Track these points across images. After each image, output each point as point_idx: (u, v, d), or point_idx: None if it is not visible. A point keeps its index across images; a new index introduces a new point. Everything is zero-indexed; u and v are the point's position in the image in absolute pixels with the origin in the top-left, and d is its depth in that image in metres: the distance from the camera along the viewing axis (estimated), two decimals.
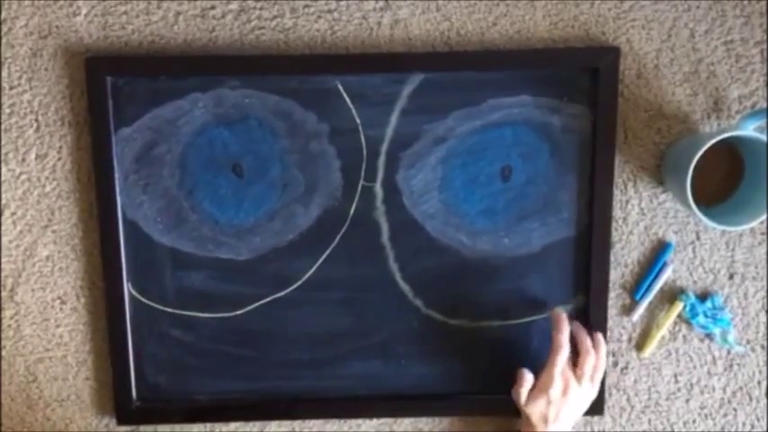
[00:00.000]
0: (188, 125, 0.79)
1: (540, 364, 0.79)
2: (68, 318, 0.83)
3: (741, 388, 0.86)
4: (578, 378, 0.78)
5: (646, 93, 0.80)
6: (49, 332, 0.84)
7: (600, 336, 0.80)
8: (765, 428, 0.87)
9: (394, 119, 0.79)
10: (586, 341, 0.79)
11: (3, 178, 0.80)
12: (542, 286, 0.82)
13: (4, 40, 0.78)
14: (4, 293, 0.83)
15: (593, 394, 0.80)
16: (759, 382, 0.86)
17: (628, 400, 0.86)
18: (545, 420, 0.78)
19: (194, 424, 0.85)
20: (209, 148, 0.79)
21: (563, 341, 0.77)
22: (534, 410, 0.78)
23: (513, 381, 0.80)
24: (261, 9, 0.78)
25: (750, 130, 0.75)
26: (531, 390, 0.78)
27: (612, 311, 0.84)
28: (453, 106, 0.79)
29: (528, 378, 0.79)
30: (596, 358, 0.79)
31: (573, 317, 0.82)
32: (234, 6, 0.78)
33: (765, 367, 0.85)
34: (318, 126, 0.79)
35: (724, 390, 0.86)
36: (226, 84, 0.78)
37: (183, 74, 0.78)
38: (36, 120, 0.80)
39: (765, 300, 0.84)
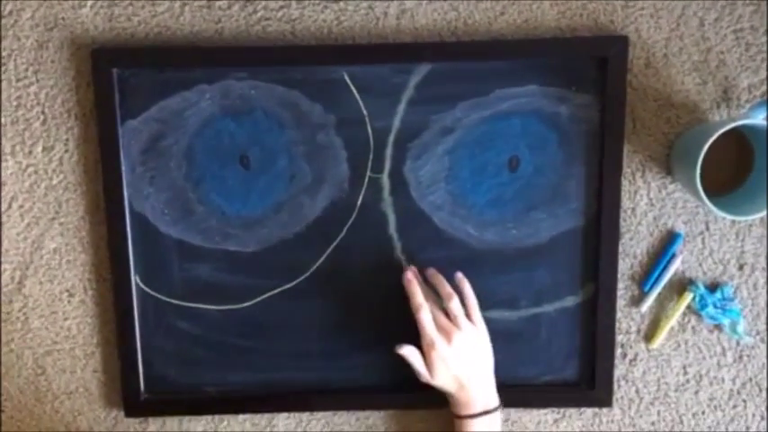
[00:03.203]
0: (194, 117, 0.79)
1: (549, 355, 0.79)
2: (76, 310, 0.84)
3: (750, 379, 0.85)
4: (454, 321, 0.76)
5: (654, 82, 0.79)
6: (56, 325, 0.84)
7: (459, 274, 0.79)
8: None
9: (401, 109, 0.79)
10: (445, 286, 0.77)
11: (10, 171, 0.80)
12: (550, 277, 0.82)
13: (10, 33, 0.78)
14: (11, 286, 0.83)
15: (483, 332, 0.78)
16: None
17: (636, 391, 0.86)
18: (459, 383, 0.76)
19: (202, 416, 0.86)
20: (216, 139, 0.79)
21: (419, 301, 0.76)
22: (442, 377, 0.76)
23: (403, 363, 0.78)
24: (267, 0, 0.78)
25: (760, 119, 0.74)
26: (425, 361, 0.76)
27: (621, 302, 0.83)
28: (461, 96, 0.78)
29: (413, 352, 0.76)
30: (463, 295, 0.77)
31: (575, 311, 0.81)
32: None
33: None
34: (325, 117, 0.79)
35: (733, 381, 0.86)
36: (232, 75, 0.78)
37: (190, 65, 0.78)
38: (42, 112, 0.79)
39: None
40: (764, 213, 0.74)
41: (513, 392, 0.82)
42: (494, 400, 0.78)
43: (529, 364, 0.84)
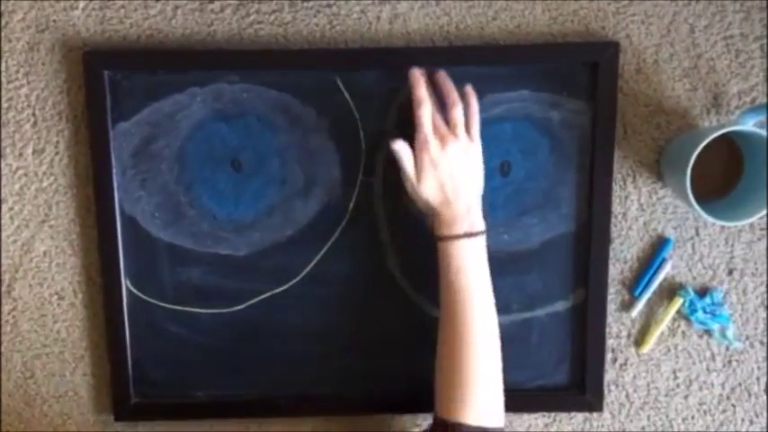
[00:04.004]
0: (186, 120, 0.79)
1: (539, 360, 0.79)
2: (66, 314, 0.83)
3: (740, 384, 0.86)
4: (453, 130, 0.72)
5: (645, 88, 0.80)
6: (46, 328, 0.83)
7: (468, 87, 0.74)
8: (764, 424, 0.87)
9: (393, 114, 0.79)
10: (453, 93, 0.73)
11: (0, 173, 0.80)
12: (541, 282, 0.82)
13: (1, 35, 0.78)
14: (1, 289, 0.82)
15: (478, 150, 0.74)
16: (758, 379, 0.86)
17: (627, 396, 0.86)
18: (444, 196, 0.72)
19: (192, 420, 0.85)
20: (208, 142, 0.79)
21: (422, 95, 0.72)
22: (428, 183, 0.72)
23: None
24: (259, 3, 0.78)
25: (750, 125, 0.75)
26: (415, 167, 0.73)
27: (612, 307, 0.84)
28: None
29: (405, 149, 0.72)
30: (468, 107, 0.73)
31: (566, 315, 0.82)
32: (232, 1, 0.78)
33: (764, 363, 0.85)
34: (317, 121, 0.79)
35: (723, 386, 0.86)
36: (224, 78, 0.78)
37: (182, 68, 0.77)
38: (33, 114, 0.79)
39: (764, 295, 0.84)
40: (753, 219, 0.74)
41: (504, 397, 0.82)
42: (480, 223, 0.74)
43: (520, 369, 0.84)
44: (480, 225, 0.74)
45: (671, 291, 0.84)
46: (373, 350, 0.83)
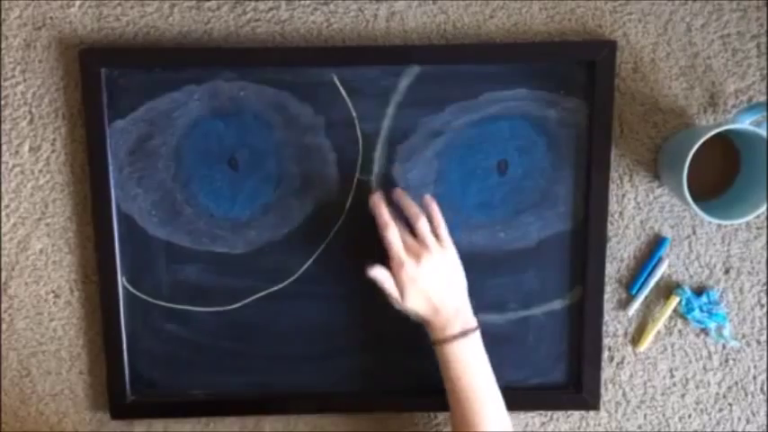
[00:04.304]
0: (183, 117, 0.78)
1: (536, 358, 0.79)
2: (62, 312, 0.83)
3: (737, 383, 0.86)
4: (423, 244, 0.74)
5: (642, 87, 0.80)
6: (42, 326, 0.83)
7: (427, 196, 0.76)
8: (761, 423, 0.87)
9: (390, 112, 0.79)
10: (412, 206, 0.75)
11: None
12: (538, 280, 0.82)
13: None
14: None
15: (452, 254, 0.76)
16: (755, 377, 0.86)
17: (623, 395, 0.86)
18: (432, 306, 0.74)
19: (188, 419, 0.85)
20: (205, 140, 0.79)
21: (386, 218, 0.74)
22: (413, 299, 0.74)
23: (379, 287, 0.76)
24: (256, 1, 0.78)
25: (746, 124, 0.75)
26: (396, 283, 0.75)
27: (608, 306, 0.84)
28: (450, 99, 0.79)
29: (383, 273, 0.75)
30: (431, 215, 0.75)
31: (563, 314, 0.82)
32: None
33: (761, 362, 0.85)
34: (314, 119, 0.79)
35: (719, 385, 0.86)
36: (221, 76, 0.78)
37: (178, 66, 0.77)
38: (30, 112, 0.79)
39: (761, 294, 0.84)
40: (750, 218, 0.74)
41: (501, 395, 0.82)
42: (471, 320, 0.76)
43: (516, 367, 0.84)
44: (472, 321, 0.76)
45: (668, 289, 0.84)
46: (369, 349, 0.83)
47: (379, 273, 0.75)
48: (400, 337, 0.83)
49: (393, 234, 0.74)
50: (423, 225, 0.75)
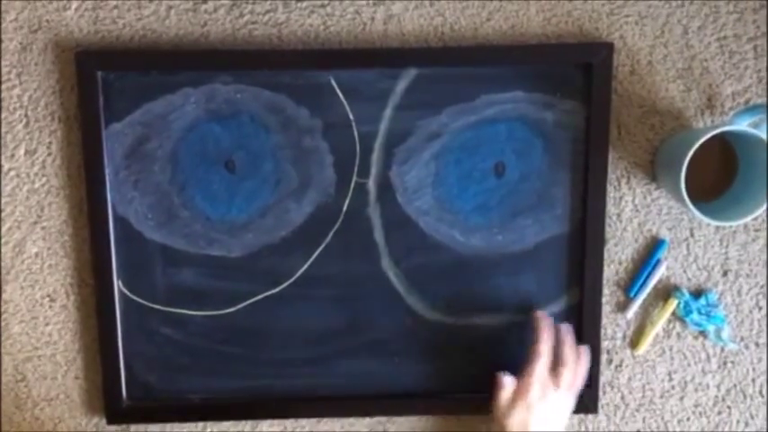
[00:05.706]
0: (179, 120, 0.78)
1: None
2: (57, 316, 0.83)
3: (735, 386, 0.86)
4: (556, 386, 0.76)
5: (639, 89, 0.80)
6: (37, 330, 0.83)
7: (585, 348, 0.79)
8: (760, 426, 0.86)
9: (387, 114, 0.79)
10: (569, 354, 0.77)
11: None
12: (536, 283, 0.82)
13: None
14: None
15: (571, 403, 0.78)
16: (753, 380, 0.85)
17: (622, 398, 0.86)
18: (525, 426, 0.75)
19: (185, 423, 0.85)
20: (201, 143, 0.79)
21: (543, 350, 0.76)
22: (514, 417, 0.75)
23: (491, 385, 0.78)
24: (253, 3, 0.78)
25: (743, 125, 0.75)
26: (509, 402, 0.77)
27: (606, 308, 0.83)
28: (447, 102, 0.78)
29: (508, 382, 0.77)
30: (577, 371, 0.77)
31: (560, 317, 0.82)
32: (226, 1, 0.77)
33: (760, 365, 0.85)
34: (311, 121, 0.79)
35: (718, 387, 0.86)
36: (218, 79, 0.77)
37: (175, 69, 0.77)
38: (25, 115, 0.79)
39: (759, 297, 0.84)
40: (748, 219, 0.74)
41: None
42: None
43: (514, 371, 0.83)
44: None
45: (666, 292, 0.84)
46: (367, 352, 0.83)
47: (508, 383, 0.76)
48: (397, 340, 0.83)
49: (540, 368, 0.76)
50: (566, 377, 0.76)
